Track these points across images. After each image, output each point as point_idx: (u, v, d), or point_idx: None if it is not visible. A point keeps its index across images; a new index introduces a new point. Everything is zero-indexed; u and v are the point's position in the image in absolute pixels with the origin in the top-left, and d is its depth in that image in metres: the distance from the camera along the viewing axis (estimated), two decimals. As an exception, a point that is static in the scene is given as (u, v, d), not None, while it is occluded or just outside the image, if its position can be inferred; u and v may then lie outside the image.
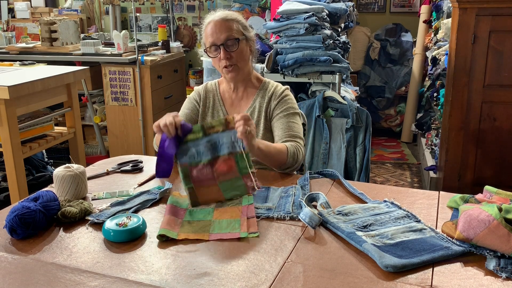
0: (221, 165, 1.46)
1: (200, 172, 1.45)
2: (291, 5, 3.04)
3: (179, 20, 5.37)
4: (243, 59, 1.76)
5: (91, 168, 1.73)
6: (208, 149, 1.47)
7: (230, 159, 1.46)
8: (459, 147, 2.95)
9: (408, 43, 4.98)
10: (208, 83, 1.91)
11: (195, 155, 1.47)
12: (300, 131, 1.78)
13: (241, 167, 1.45)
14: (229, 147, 1.47)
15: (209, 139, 1.47)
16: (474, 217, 1.11)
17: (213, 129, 1.48)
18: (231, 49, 1.71)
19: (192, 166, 1.46)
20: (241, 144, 1.46)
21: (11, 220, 1.20)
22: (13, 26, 5.43)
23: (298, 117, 1.82)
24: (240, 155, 1.46)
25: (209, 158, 1.46)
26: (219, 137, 1.47)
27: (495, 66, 2.80)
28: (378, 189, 1.52)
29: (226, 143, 1.47)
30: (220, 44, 1.71)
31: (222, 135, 1.47)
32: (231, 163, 1.46)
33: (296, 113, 1.82)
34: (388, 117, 5.12)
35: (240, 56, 1.74)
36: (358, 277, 1.03)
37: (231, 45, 1.71)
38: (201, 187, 1.43)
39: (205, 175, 1.45)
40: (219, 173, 1.45)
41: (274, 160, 1.63)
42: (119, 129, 4.10)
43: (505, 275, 1.02)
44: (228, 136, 1.47)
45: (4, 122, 2.53)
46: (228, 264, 1.09)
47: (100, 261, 1.11)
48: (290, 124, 1.76)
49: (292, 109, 1.80)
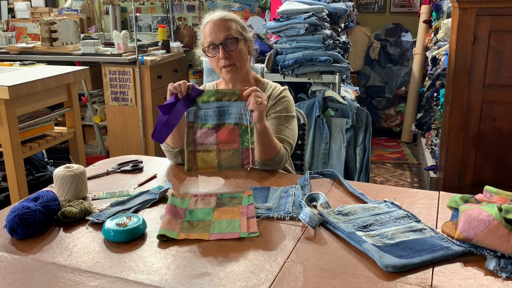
0: (224, 133, 1.52)
1: (204, 134, 1.52)
2: (291, 5, 3.04)
3: (179, 20, 5.37)
4: (241, 59, 1.75)
5: (91, 168, 1.73)
6: (216, 115, 1.52)
7: (235, 129, 1.52)
8: (459, 147, 2.95)
9: (408, 43, 4.98)
10: (207, 85, 1.91)
11: (202, 117, 1.53)
12: (290, 136, 1.74)
13: (243, 139, 1.50)
14: (236, 118, 1.52)
15: (219, 105, 1.53)
16: (474, 217, 1.11)
17: (225, 97, 1.53)
18: (230, 48, 1.71)
19: (197, 127, 1.53)
20: (249, 118, 1.51)
21: (11, 220, 1.20)
22: (13, 26, 5.43)
23: (292, 121, 1.78)
24: (245, 128, 1.51)
25: (214, 123, 1.52)
26: (230, 105, 1.53)
27: (495, 66, 2.80)
28: (378, 189, 1.52)
29: (234, 113, 1.52)
30: (219, 44, 1.70)
31: (233, 104, 1.53)
32: (234, 133, 1.51)
33: (290, 116, 1.78)
34: (388, 117, 5.12)
35: (238, 56, 1.73)
36: (358, 277, 1.03)
37: (230, 44, 1.71)
38: (200, 151, 1.51)
39: (208, 138, 1.52)
40: (221, 140, 1.51)
41: (270, 148, 1.60)
42: (119, 129, 4.10)
43: (505, 275, 1.02)
44: (238, 107, 1.52)
45: (4, 122, 2.53)
46: (228, 264, 1.09)
47: (100, 261, 1.11)
48: (280, 126, 1.73)
49: (286, 111, 1.77)
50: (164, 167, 1.72)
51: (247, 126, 1.51)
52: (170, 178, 1.62)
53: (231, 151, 1.50)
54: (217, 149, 1.51)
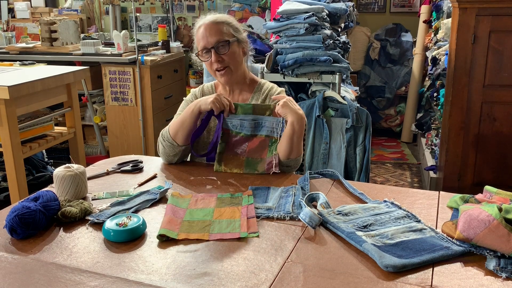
0: (255, 143, 1.68)
1: (236, 141, 1.69)
2: (291, 5, 3.04)
3: (179, 20, 5.37)
4: (235, 61, 1.75)
5: (91, 168, 1.73)
6: (251, 126, 1.69)
7: (265, 140, 1.68)
8: (459, 147, 2.95)
9: (408, 43, 4.98)
10: (205, 85, 1.91)
11: (238, 127, 1.69)
12: None
13: (271, 149, 1.66)
14: (268, 131, 1.68)
15: (254, 118, 1.69)
16: (474, 217, 1.11)
17: (261, 111, 1.69)
18: (222, 52, 1.71)
19: (232, 134, 1.70)
20: (280, 132, 1.66)
21: (11, 220, 1.20)
22: (13, 26, 5.43)
23: None
24: (274, 140, 1.67)
25: (248, 133, 1.69)
26: (263, 119, 1.69)
27: (495, 66, 2.80)
28: (378, 189, 1.52)
29: (267, 126, 1.68)
30: (211, 48, 1.71)
31: (267, 118, 1.69)
32: (264, 144, 1.68)
33: None
34: (388, 117, 5.12)
35: (231, 58, 1.73)
36: (358, 277, 1.03)
37: (222, 48, 1.71)
38: (230, 154, 1.68)
39: (239, 145, 1.68)
40: (251, 149, 1.68)
41: (297, 149, 1.66)
42: (119, 129, 4.10)
43: (505, 275, 1.02)
44: (271, 121, 1.68)
45: (4, 122, 2.53)
46: (228, 264, 1.09)
47: (100, 261, 1.11)
48: None
49: None
50: (164, 167, 1.72)
51: (276, 139, 1.66)
52: (170, 178, 1.62)
53: (258, 160, 1.66)
54: (246, 156, 1.67)
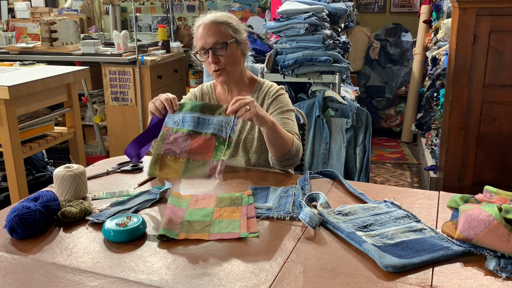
0: (198, 142, 1.43)
1: (177, 140, 1.43)
2: (291, 5, 3.04)
3: (179, 20, 5.37)
4: (232, 63, 1.73)
5: (91, 168, 1.73)
6: (194, 121, 1.46)
7: (211, 140, 1.43)
8: (459, 147, 2.95)
9: (408, 43, 4.98)
10: (204, 85, 1.91)
11: (180, 122, 1.47)
12: (295, 128, 1.77)
13: (217, 152, 1.40)
14: (216, 129, 1.45)
15: (201, 114, 1.48)
16: (474, 217, 1.11)
17: (210, 111, 1.48)
18: (219, 53, 1.70)
19: (172, 132, 1.46)
20: (230, 132, 1.43)
21: (11, 220, 1.20)
22: (13, 26, 5.43)
23: (292, 114, 1.80)
24: (222, 140, 1.43)
25: (191, 129, 1.45)
26: (211, 117, 1.47)
27: (495, 66, 2.80)
28: (378, 189, 1.52)
29: (214, 124, 1.45)
30: (209, 48, 1.69)
31: (216, 116, 1.47)
32: (210, 144, 1.42)
33: (291, 109, 1.80)
34: (388, 117, 5.12)
35: (228, 60, 1.72)
36: (358, 277, 1.03)
37: (219, 50, 1.69)
38: (168, 156, 1.40)
39: (180, 145, 1.42)
40: (193, 149, 1.41)
41: (284, 141, 1.60)
42: (119, 129, 4.10)
43: (505, 275, 1.02)
44: (220, 119, 1.46)
45: (4, 122, 2.53)
46: (228, 264, 1.09)
47: (100, 261, 1.11)
48: (285, 120, 1.75)
49: (286, 106, 1.79)
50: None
51: (224, 139, 1.42)
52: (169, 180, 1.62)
53: (201, 162, 1.39)
54: (187, 157, 1.40)
